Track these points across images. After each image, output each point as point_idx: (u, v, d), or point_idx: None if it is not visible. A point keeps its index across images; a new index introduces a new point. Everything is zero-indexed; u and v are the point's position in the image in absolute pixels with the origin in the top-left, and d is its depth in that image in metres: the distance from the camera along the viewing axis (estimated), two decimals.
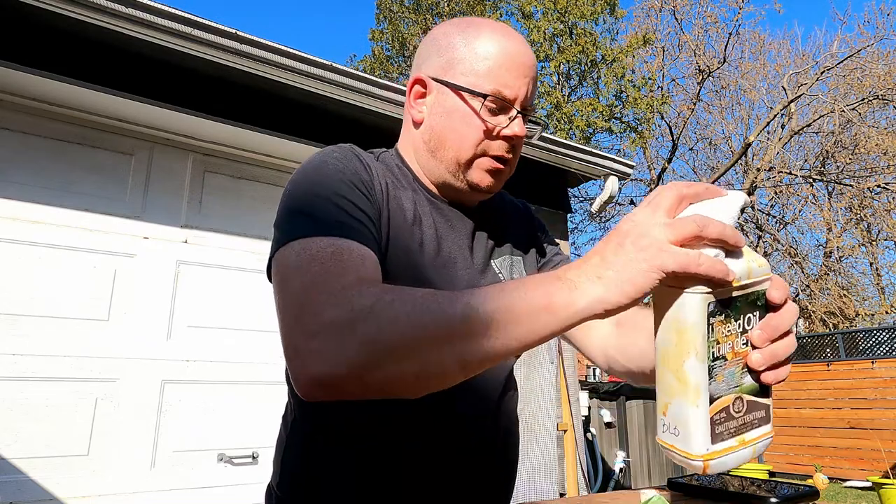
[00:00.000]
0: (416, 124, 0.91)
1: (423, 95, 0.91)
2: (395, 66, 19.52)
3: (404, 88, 3.29)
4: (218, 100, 2.89)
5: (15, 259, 2.58)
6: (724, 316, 0.55)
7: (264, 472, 2.96)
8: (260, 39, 2.82)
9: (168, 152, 3.04)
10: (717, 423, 0.56)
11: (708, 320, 0.53)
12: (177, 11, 2.60)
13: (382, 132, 3.32)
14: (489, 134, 0.85)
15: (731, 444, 0.57)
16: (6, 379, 2.47)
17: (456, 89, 0.85)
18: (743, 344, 0.56)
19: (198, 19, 2.66)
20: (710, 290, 0.53)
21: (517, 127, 0.85)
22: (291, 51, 2.90)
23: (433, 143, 0.88)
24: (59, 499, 2.48)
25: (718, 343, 0.55)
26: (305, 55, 2.94)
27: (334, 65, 3.03)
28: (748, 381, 0.57)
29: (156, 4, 2.55)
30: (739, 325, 0.56)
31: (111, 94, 2.63)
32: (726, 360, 0.55)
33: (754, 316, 0.57)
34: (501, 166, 0.87)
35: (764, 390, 0.59)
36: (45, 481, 2.47)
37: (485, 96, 0.83)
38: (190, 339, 2.91)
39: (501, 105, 0.84)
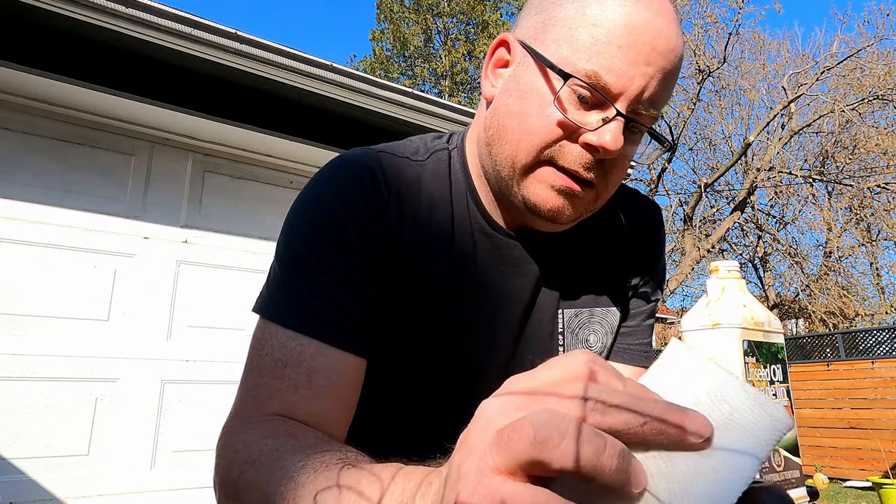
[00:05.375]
0: (488, 102, 0.67)
1: (506, 64, 0.66)
2: (395, 66, 19.52)
3: (404, 88, 3.31)
4: (218, 100, 2.89)
5: (15, 259, 2.58)
6: (755, 358, 0.53)
7: None
8: (260, 39, 2.82)
9: (168, 152, 3.04)
10: (763, 473, 0.51)
11: (744, 359, 0.51)
12: (177, 11, 2.60)
13: (382, 132, 3.32)
14: (567, 133, 0.59)
15: None
16: (6, 379, 2.47)
17: (539, 60, 0.60)
18: (773, 395, 0.54)
19: (198, 19, 2.66)
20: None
21: (608, 135, 0.57)
22: (292, 51, 2.90)
23: (492, 131, 0.64)
24: (59, 499, 2.48)
25: (754, 386, 0.53)
26: (305, 55, 2.94)
27: (334, 65, 3.03)
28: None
29: (156, 4, 2.55)
30: (768, 373, 0.54)
31: (111, 94, 2.63)
32: None
33: (778, 369, 0.55)
34: (576, 186, 0.60)
35: (796, 450, 0.56)
36: (45, 481, 2.47)
37: (567, 77, 0.57)
38: (190, 339, 2.91)
39: (597, 98, 0.58)
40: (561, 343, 0.74)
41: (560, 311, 0.73)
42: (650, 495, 0.27)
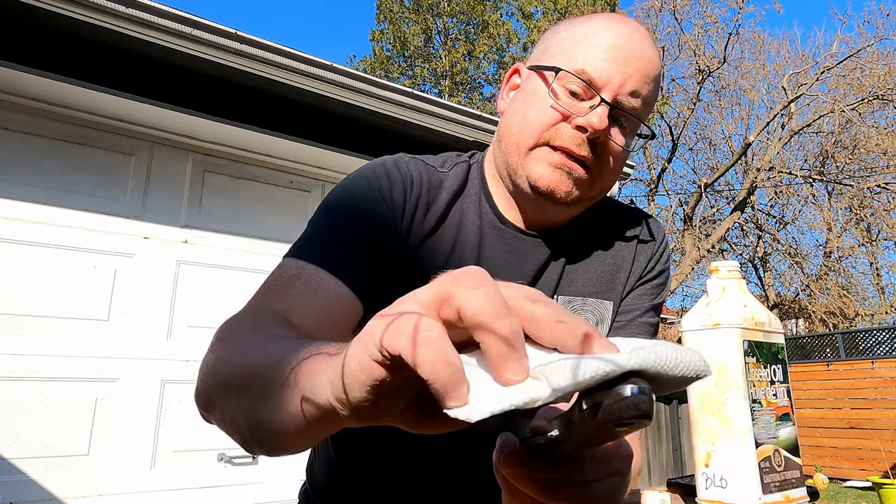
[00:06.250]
0: (501, 115, 0.82)
1: (518, 87, 0.81)
2: (395, 66, 19.52)
3: (404, 88, 3.31)
4: (218, 100, 2.89)
5: (15, 259, 2.58)
6: (755, 359, 0.54)
7: (264, 472, 2.96)
8: (260, 39, 2.82)
9: (168, 152, 3.04)
10: (764, 472, 0.53)
11: (744, 359, 0.52)
12: (177, 11, 2.60)
13: (382, 132, 3.32)
14: (560, 118, 0.72)
15: (778, 499, 0.53)
16: (6, 379, 2.47)
17: (539, 70, 0.75)
18: (773, 395, 0.55)
19: (198, 19, 2.66)
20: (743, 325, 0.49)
21: (595, 118, 0.70)
22: (292, 51, 2.90)
23: (503, 129, 0.78)
24: (59, 499, 2.48)
25: (754, 386, 0.54)
26: (306, 55, 2.94)
27: (334, 65, 3.03)
28: (783, 433, 0.55)
29: (156, 4, 2.55)
30: (768, 373, 0.55)
31: (111, 94, 2.63)
32: (761, 405, 0.54)
33: (779, 369, 0.56)
34: (571, 163, 0.72)
35: (796, 450, 0.57)
36: (45, 481, 2.47)
37: (557, 70, 0.71)
38: (190, 339, 2.91)
39: (586, 91, 0.71)
40: None
41: (555, 296, 0.79)
42: (534, 375, 0.29)
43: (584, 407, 0.29)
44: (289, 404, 0.38)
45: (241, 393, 0.47)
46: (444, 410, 0.28)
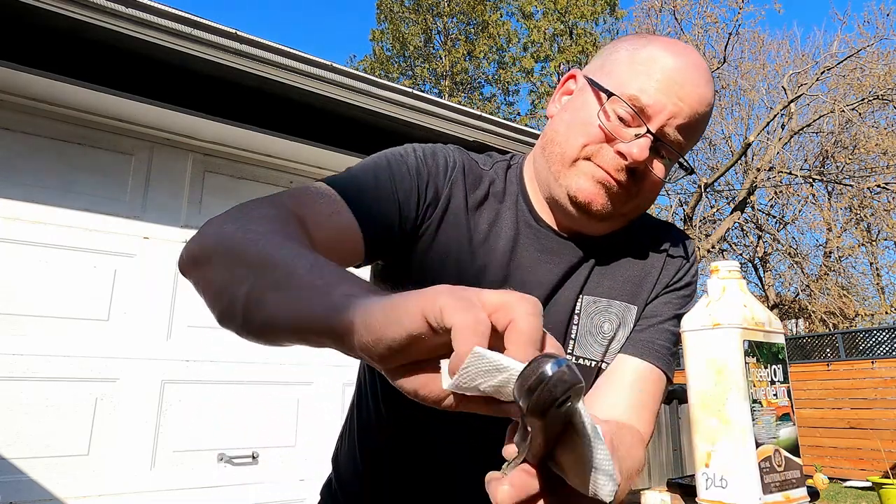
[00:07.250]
0: (549, 120, 0.83)
1: (571, 93, 0.82)
2: (395, 66, 19.53)
3: (405, 88, 3.30)
4: (218, 100, 2.89)
5: (15, 259, 2.58)
6: (755, 359, 0.53)
7: (264, 471, 2.96)
8: (260, 39, 2.81)
9: (168, 152, 3.04)
10: (764, 472, 0.53)
11: (744, 359, 0.52)
12: (177, 11, 2.60)
13: (382, 132, 3.32)
14: (604, 139, 0.73)
15: (779, 499, 0.53)
16: (6, 379, 2.47)
17: (593, 85, 0.76)
18: (773, 395, 0.55)
19: (198, 19, 2.65)
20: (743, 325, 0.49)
21: (636, 148, 0.71)
22: (292, 51, 2.90)
23: (547, 137, 0.79)
24: (59, 499, 2.48)
25: (754, 386, 0.53)
26: (306, 55, 2.94)
27: (334, 65, 3.03)
28: (784, 433, 0.55)
29: (156, 4, 2.55)
30: (768, 373, 0.54)
31: (111, 94, 2.63)
32: (762, 405, 0.54)
33: (779, 369, 0.56)
34: (611, 180, 0.73)
35: (796, 450, 0.57)
36: (45, 481, 2.47)
37: (609, 94, 0.73)
38: (190, 339, 2.91)
39: (634, 120, 0.72)
40: (576, 323, 0.81)
41: (581, 296, 0.81)
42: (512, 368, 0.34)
43: (521, 404, 0.32)
44: (309, 305, 0.45)
45: (254, 270, 0.51)
46: (443, 376, 0.36)
